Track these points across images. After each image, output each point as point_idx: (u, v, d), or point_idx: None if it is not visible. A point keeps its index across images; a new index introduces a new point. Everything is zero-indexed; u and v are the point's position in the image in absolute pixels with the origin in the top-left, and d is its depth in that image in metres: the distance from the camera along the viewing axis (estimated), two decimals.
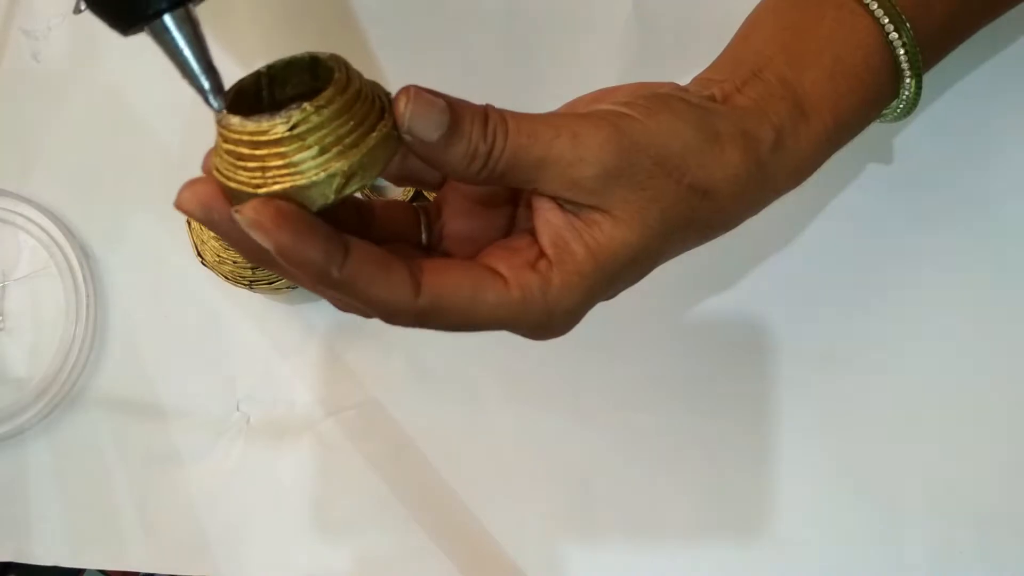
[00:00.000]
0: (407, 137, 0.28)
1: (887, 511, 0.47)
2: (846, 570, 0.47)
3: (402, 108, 0.27)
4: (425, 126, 0.28)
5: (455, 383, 0.50)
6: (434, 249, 0.34)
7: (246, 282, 0.47)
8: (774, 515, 0.47)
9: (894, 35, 0.34)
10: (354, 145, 0.27)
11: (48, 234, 0.53)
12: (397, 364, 0.51)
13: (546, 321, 0.30)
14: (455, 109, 0.28)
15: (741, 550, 0.47)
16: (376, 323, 0.30)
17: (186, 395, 0.52)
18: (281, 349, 0.52)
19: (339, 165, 0.26)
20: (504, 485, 0.49)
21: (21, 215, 0.54)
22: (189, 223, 0.48)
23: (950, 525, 0.46)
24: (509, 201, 0.34)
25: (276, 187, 0.26)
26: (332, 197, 0.27)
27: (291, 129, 0.26)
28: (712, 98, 0.32)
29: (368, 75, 0.29)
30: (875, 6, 0.34)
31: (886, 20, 0.34)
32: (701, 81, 0.34)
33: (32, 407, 0.52)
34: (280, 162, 0.26)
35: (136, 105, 0.54)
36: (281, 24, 0.53)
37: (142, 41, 0.29)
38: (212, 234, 0.46)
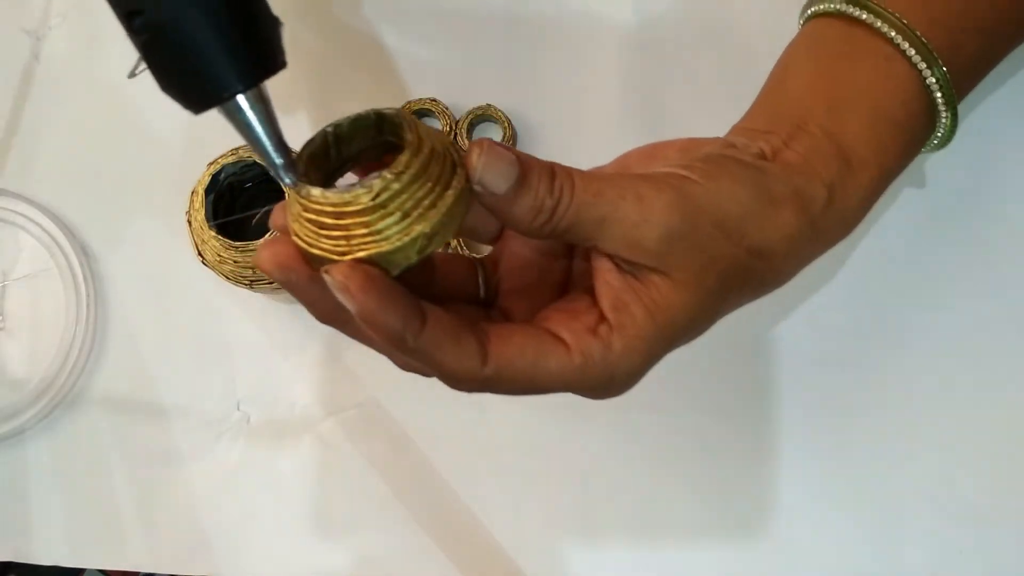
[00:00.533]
0: (477, 188, 0.28)
1: (887, 511, 0.47)
2: (846, 570, 0.47)
3: (475, 160, 0.28)
4: (495, 177, 0.28)
5: None
6: (491, 303, 0.34)
7: (247, 282, 0.47)
8: (774, 515, 0.47)
9: (931, 79, 0.34)
10: (432, 206, 0.27)
11: (48, 234, 0.53)
12: None
13: (607, 384, 0.31)
14: (524, 163, 0.29)
15: (741, 550, 0.47)
16: None
17: (186, 395, 0.52)
18: (281, 349, 0.52)
19: (421, 228, 0.27)
20: (504, 485, 0.49)
21: (21, 215, 0.54)
22: (189, 222, 0.47)
23: (950, 525, 0.46)
24: (564, 255, 0.34)
25: (361, 253, 0.27)
26: (414, 259, 0.27)
27: (374, 199, 0.26)
28: (762, 155, 0.32)
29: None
30: (912, 52, 0.34)
31: (924, 66, 0.34)
32: (744, 132, 0.34)
33: (32, 407, 0.52)
34: (364, 230, 0.27)
35: (136, 105, 0.54)
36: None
37: None
38: (213, 233, 0.46)
